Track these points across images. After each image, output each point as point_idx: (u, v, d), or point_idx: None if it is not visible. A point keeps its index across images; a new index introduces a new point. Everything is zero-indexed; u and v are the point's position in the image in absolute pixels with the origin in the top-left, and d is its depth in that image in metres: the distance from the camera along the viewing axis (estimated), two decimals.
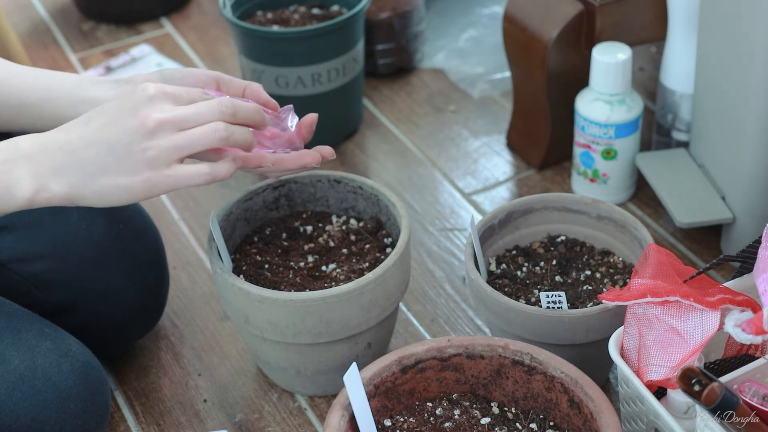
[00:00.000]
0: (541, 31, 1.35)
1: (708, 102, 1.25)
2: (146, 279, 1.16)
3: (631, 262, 1.14)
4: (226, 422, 1.14)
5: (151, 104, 0.91)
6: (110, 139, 0.90)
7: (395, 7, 1.61)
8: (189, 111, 0.92)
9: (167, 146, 0.91)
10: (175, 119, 0.91)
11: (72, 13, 1.89)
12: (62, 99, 1.04)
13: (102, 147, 0.90)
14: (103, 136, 0.91)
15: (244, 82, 1.05)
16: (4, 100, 1.05)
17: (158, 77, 1.04)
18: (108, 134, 0.91)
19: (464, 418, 0.97)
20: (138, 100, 0.92)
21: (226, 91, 1.05)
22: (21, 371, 0.98)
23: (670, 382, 0.92)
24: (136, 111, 0.91)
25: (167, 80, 1.03)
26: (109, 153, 0.90)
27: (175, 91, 0.93)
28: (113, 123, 0.91)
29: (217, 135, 0.92)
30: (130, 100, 0.92)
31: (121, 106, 0.92)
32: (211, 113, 0.92)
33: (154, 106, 0.91)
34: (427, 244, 1.36)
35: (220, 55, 1.75)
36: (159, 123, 0.90)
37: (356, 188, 1.17)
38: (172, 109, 0.92)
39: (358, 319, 1.06)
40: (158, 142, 0.91)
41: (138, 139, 0.90)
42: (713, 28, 1.20)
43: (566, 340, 1.05)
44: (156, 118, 0.90)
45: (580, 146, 1.36)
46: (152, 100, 0.91)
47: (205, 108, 0.93)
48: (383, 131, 1.56)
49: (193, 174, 0.93)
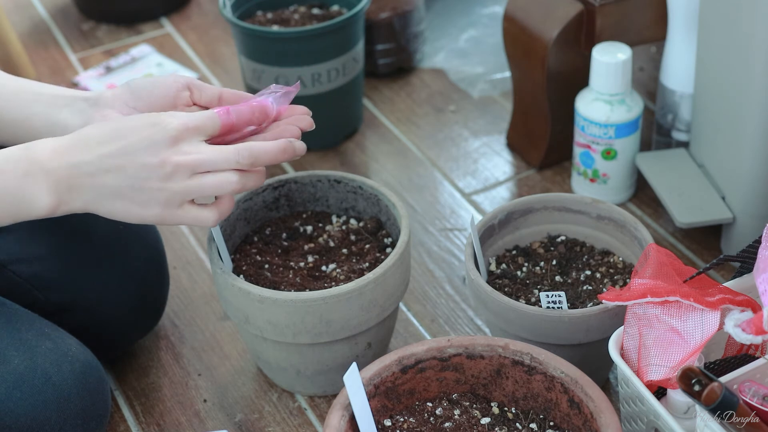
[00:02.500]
0: (541, 31, 1.35)
1: (708, 102, 1.25)
2: (146, 279, 1.16)
3: (631, 262, 1.14)
4: (226, 422, 1.14)
5: (173, 145, 0.93)
6: (128, 171, 0.93)
7: (395, 7, 1.61)
8: (207, 158, 0.93)
9: (180, 190, 0.93)
10: (192, 164, 0.93)
11: (72, 13, 1.89)
12: (37, 118, 1.05)
13: (120, 177, 0.93)
14: (122, 165, 0.93)
15: (217, 89, 1.05)
16: None
17: (126, 90, 1.04)
18: (127, 165, 0.93)
19: (464, 418, 0.97)
20: (160, 136, 0.93)
21: (198, 98, 1.05)
22: (21, 371, 0.98)
23: (670, 382, 0.92)
24: (156, 149, 0.92)
25: (135, 93, 1.04)
26: (125, 184, 0.93)
27: (198, 125, 0.94)
28: (132, 154, 0.93)
29: (229, 187, 0.94)
30: (152, 132, 0.93)
31: (143, 137, 0.93)
32: (227, 163, 0.94)
33: (176, 147, 0.93)
34: (427, 244, 1.36)
35: (220, 55, 1.75)
36: (176, 167, 0.92)
37: (356, 188, 1.17)
38: (191, 153, 0.93)
39: (358, 319, 1.06)
40: (172, 185, 0.93)
41: (154, 179, 0.93)
42: (713, 28, 1.20)
43: (566, 340, 1.05)
44: (174, 161, 0.92)
45: (580, 146, 1.36)
46: (174, 141, 0.93)
47: (223, 157, 0.94)
48: (383, 131, 1.56)
49: (202, 218, 0.96)
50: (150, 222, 0.96)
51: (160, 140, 0.93)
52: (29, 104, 1.05)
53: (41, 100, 1.05)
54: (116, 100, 1.04)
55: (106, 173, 0.93)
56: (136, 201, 0.94)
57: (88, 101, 1.04)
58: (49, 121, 1.04)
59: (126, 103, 1.04)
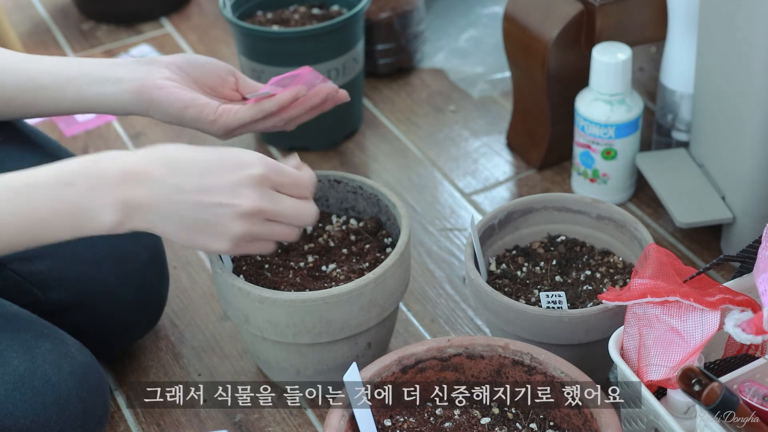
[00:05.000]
0: (541, 31, 1.35)
1: (708, 102, 1.25)
2: (146, 279, 1.16)
3: (631, 262, 1.14)
4: (226, 422, 1.14)
5: (255, 189, 0.94)
6: (204, 206, 0.93)
7: (395, 7, 1.61)
8: (284, 211, 0.96)
9: (251, 232, 0.95)
10: (269, 213, 0.96)
11: (72, 13, 1.89)
12: (83, 78, 1.08)
13: (194, 210, 0.93)
14: (197, 201, 0.93)
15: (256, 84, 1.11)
16: (20, 84, 1.08)
17: (182, 59, 1.09)
18: (204, 200, 0.93)
19: (464, 418, 0.97)
20: (243, 179, 0.94)
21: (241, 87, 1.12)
22: (21, 372, 0.98)
23: (670, 382, 0.91)
24: (237, 191, 0.94)
25: (192, 63, 1.09)
26: (198, 217, 0.94)
27: (281, 179, 0.96)
28: (209, 192, 0.93)
29: (291, 237, 0.99)
30: (235, 173, 0.94)
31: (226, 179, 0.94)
32: (299, 221, 0.98)
33: (256, 193, 0.94)
34: (427, 244, 1.36)
35: (220, 55, 1.75)
36: (254, 211, 0.94)
37: (356, 188, 1.17)
38: (270, 201, 0.95)
39: (358, 319, 1.06)
40: (245, 226, 0.95)
41: (228, 217, 0.94)
42: (713, 28, 1.20)
43: (566, 340, 1.05)
44: (252, 207, 0.94)
45: (580, 146, 1.36)
46: (258, 185, 0.94)
47: (296, 216, 0.97)
48: (383, 131, 1.56)
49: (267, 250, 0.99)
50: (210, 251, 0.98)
51: (243, 181, 0.94)
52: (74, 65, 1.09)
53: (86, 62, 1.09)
54: (171, 64, 1.08)
55: (180, 203, 0.93)
56: (205, 233, 0.95)
57: (139, 61, 1.09)
58: (100, 77, 1.08)
59: (181, 68, 1.09)
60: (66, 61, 1.09)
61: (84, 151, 1.55)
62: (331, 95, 1.12)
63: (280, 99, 1.08)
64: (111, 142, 1.57)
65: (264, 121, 1.09)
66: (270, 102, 1.08)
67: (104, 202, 0.92)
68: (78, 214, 0.92)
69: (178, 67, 1.09)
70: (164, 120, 1.09)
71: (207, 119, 1.07)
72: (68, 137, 1.58)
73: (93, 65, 1.09)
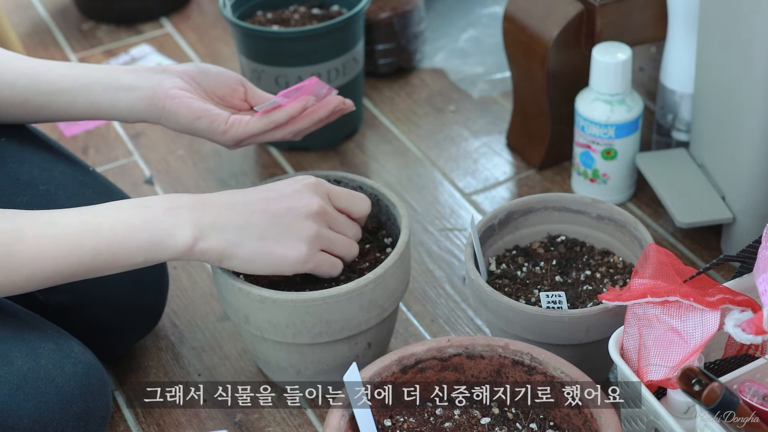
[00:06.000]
0: (541, 31, 1.35)
1: (708, 102, 1.25)
2: (146, 279, 1.16)
3: (631, 262, 1.15)
4: (226, 422, 1.14)
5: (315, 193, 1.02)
6: (273, 215, 0.99)
7: (395, 7, 1.61)
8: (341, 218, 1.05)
9: (321, 234, 1.02)
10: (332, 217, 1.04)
11: (72, 13, 1.89)
12: (97, 84, 1.10)
13: (265, 217, 0.99)
14: (268, 208, 0.99)
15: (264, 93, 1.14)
16: (34, 88, 1.10)
17: (194, 67, 1.11)
18: (272, 209, 0.99)
19: (464, 418, 0.97)
20: (302, 186, 1.02)
21: (250, 98, 1.14)
22: (24, 372, 0.98)
23: (670, 382, 0.92)
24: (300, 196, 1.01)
25: (203, 72, 1.11)
26: (269, 226, 0.99)
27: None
28: (276, 200, 1.00)
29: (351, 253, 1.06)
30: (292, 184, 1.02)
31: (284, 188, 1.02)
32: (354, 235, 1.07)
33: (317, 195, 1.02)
34: (427, 244, 1.36)
35: (220, 55, 1.75)
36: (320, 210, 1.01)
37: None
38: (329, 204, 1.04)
39: (358, 319, 1.06)
40: (314, 226, 1.01)
41: (300, 217, 1.00)
42: (713, 28, 1.20)
43: (566, 340, 1.05)
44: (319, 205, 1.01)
45: (580, 146, 1.36)
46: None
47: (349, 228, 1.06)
48: (383, 131, 1.56)
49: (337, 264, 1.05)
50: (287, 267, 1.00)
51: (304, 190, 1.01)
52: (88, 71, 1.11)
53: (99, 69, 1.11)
54: (184, 73, 1.10)
55: (251, 213, 0.99)
56: (281, 241, 0.99)
57: (153, 69, 1.11)
58: (115, 85, 1.09)
59: (193, 77, 1.11)
60: (80, 66, 1.11)
61: (84, 151, 1.55)
62: (338, 107, 1.14)
63: (289, 109, 1.10)
64: (111, 142, 1.57)
65: (273, 132, 1.11)
66: (279, 113, 1.10)
67: (181, 220, 0.96)
68: (155, 231, 0.96)
69: (190, 76, 1.10)
70: (175, 129, 1.10)
71: (218, 130, 1.09)
72: (68, 137, 1.58)
73: (106, 72, 1.10)
